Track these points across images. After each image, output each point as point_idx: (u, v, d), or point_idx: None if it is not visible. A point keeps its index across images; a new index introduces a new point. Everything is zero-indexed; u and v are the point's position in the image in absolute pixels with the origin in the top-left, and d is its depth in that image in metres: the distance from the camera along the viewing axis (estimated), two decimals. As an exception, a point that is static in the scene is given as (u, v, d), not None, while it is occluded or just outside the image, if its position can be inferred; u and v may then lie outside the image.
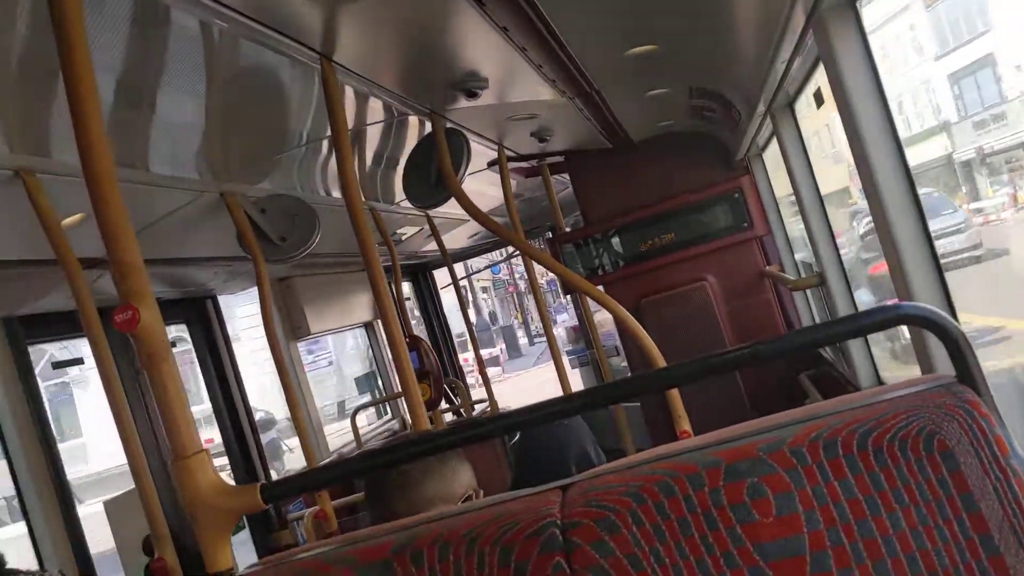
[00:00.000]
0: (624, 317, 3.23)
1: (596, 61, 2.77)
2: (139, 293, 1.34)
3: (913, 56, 3.25)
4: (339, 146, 2.36)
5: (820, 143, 3.29)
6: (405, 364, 2.50)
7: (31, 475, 3.31)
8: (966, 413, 1.15)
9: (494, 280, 34.53)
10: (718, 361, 1.27)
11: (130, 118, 2.34)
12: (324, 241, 3.54)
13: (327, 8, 1.88)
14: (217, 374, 4.94)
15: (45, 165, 2.37)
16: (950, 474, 1.14)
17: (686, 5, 2.33)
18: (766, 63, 2.48)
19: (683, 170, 4.91)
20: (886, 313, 1.25)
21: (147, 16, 1.79)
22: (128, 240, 1.38)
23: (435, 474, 1.81)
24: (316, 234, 3.47)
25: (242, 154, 3.04)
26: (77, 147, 1.40)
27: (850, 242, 3.88)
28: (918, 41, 3.24)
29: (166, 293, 4.52)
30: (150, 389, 1.39)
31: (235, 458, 4.94)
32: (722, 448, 1.23)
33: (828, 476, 1.17)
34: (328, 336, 6.47)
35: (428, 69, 2.57)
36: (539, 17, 2.13)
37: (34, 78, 1.89)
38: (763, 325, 4.86)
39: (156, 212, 3.18)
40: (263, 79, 2.41)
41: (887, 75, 3.26)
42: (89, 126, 1.40)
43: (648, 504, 1.21)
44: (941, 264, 1.94)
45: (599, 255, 5.13)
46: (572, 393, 1.32)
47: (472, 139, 3.53)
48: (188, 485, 1.33)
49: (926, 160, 3.38)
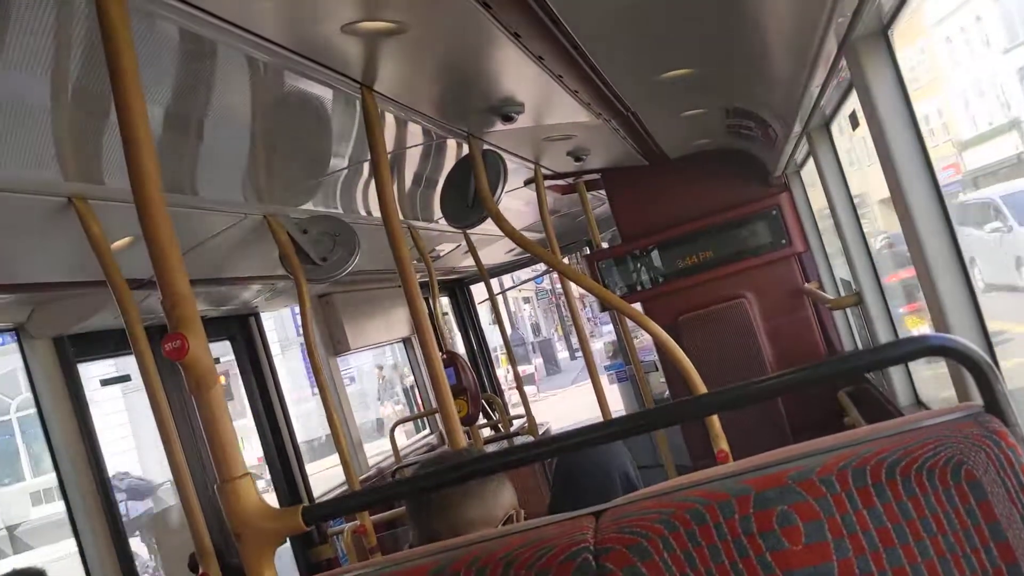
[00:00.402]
0: (662, 338, 3.24)
1: (631, 85, 2.81)
2: (188, 322, 1.39)
3: (980, 48, 3.21)
4: (378, 170, 2.41)
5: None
6: (441, 380, 2.53)
7: (80, 493, 3.40)
8: (993, 443, 1.16)
9: (537, 290, 34.17)
10: (753, 390, 1.29)
11: (179, 146, 2.42)
12: (363, 259, 3.61)
13: (368, 41, 1.94)
14: (260, 391, 5.03)
15: (96, 191, 2.46)
16: (977, 504, 1.15)
17: (719, 31, 2.36)
18: (800, 87, 2.50)
19: (720, 187, 4.90)
20: (914, 344, 1.26)
21: (196, 51, 1.86)
22: (178, 270, 1.44)
23: (476, 496, 1.79)
24: (356, 254, 3.53)
25: (285, 178, 3.11)
26: (128, 176, 1.45)
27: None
28: (985, 33, 3.20)
29: (210, 311, 4.61)
30: (196, 411, 1.43)
31: (277, 473, 5.01)
32: (752, 476, 1.25)
33: (857, 504, 1.19)
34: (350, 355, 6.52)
35: (465, 96, 2.62)
36: (574, 47, 2.17)
37: (86, 109, 1.97)
38: (802, 343, 4.83)
39: (202, 234, 3.27)
40: (306, 107, 2.48)
41: (952, 69, 3.21)
42: (140, 156, 1.45)
43: (680, 531, 1.23)
44: (975, 290, 1.94)
45: (636, 272, 5.14)
46: (611, 419, 1.35)
47: (508, 159, 3.57)
48: (234, 507, 1.37)
49: (997, 160, 3.31)
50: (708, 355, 4.88)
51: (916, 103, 1.97)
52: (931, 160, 1.97)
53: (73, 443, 3.46)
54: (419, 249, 4.87)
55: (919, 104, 1.97)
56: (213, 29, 1.74)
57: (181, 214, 2.93)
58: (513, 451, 1.39)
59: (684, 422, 1.37)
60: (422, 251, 4.91)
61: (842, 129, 3.11)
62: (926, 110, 2.21)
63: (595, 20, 2.03)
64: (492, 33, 1.94)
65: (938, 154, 2.05)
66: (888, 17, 1.89)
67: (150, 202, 1.45)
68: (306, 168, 3.10)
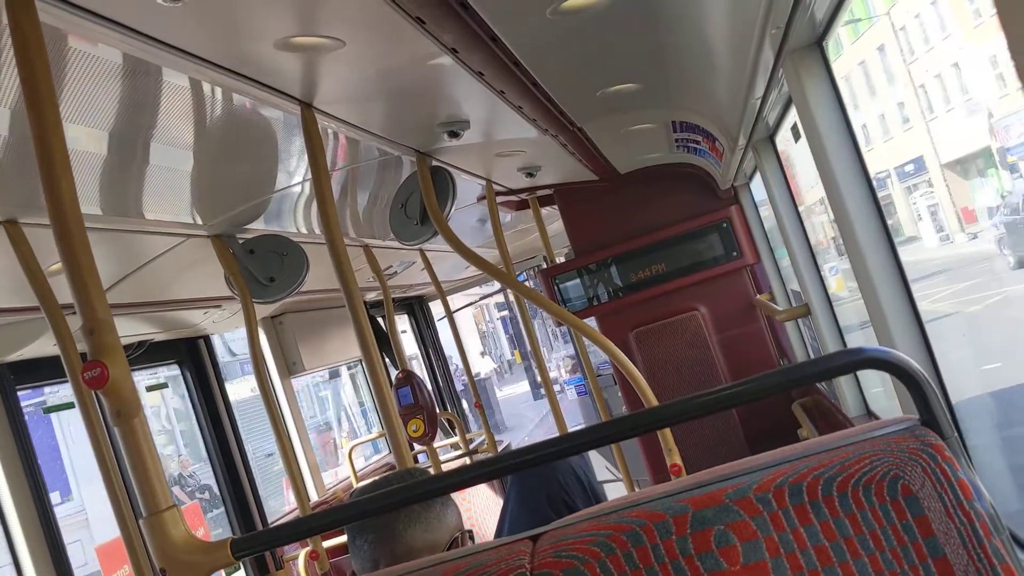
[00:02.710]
0: (614, 353, 3.23)
1: (574, 101, 2.80)
2: (108, 349, 1.35)
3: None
4: (320, 188, 2.38)
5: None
6: (387, 400, 2.49)
7: (21, 522, 3.30)
8: (929, 457, 1.15)
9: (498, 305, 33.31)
10: (700, 403, 1.27)
11: (120, 168, 2.37)
12: (315, 279, 3.56)
13: (304, 58, 1.91)
14: (210, 415, 4.94)
15: (28, 215, 2.39)
16: (914, 519, 1.14)
17: (659, 45, 2.36)
18: (741, 100, 2.51)
19: (672, 200, 4.93)
20: (852, 356, 1.25)
21: (131, 71, 1.81)
22: (96, 294, 1.39)
23: (419, 522, 1.73)
24: (304, 273, 3.49)
25: (229, 198, 3.06)
26: (46, 202, 1.41)
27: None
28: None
29: (157, 334, 4.52)
30: (120, 445, 1.38)
31: (229, 499, 4.92)
32: (690, 495, 1.23)
33: (794, 522, 1.17)
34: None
35: (409, 112, 2.60)
36: (514, 63, 2.15)
37: (14, 132, 1.92)
38: (755, 355, 4.86)
39: (146, 255, 3.20)
40: (248, 126, 2.44)
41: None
42: (56, 178, 1.41)
43: (616, 553, 1.21)
44: (916, 303, 1.94)
45: (591, 286, 5.13)
46: (562, 435, 1.33)
47: (459, 175, 3.55)
48: (159, 541, 1.33)
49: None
50: (663, 368, 4.90)
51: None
52: (869, 172, 1.98)
53: (14, 473, 3.36)
54: (373, 268, 4.83)
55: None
56: (145, 50, 1.70)
57: (124, 237, 2.87)
58: (459, 471, 1.36)
59: (634, 436, 1.35)
60: (376, 270, 4.87)
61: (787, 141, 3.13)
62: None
63: (532, 36, 2.02)
64: (429, 49, 1.92)
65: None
66: (822, 28, 1.90)
67: (67, 225, 1.40)
68: (251, 188, 3.05)
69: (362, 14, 1.72)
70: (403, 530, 1.74)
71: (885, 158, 22.04)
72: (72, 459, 11.76)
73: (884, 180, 21.26)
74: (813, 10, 1.76)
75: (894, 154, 21.90)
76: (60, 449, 11.69)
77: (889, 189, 20.98)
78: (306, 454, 5.59)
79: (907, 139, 21.92)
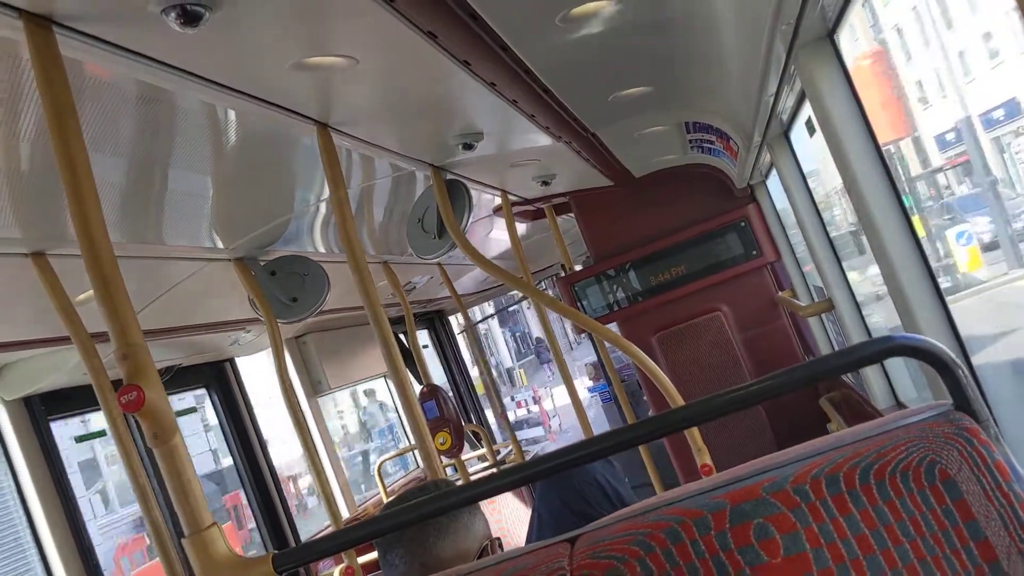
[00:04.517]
0: (638, 357, 3.23)
1: (586, 106, 2.81)
2: (142, 372, 1.37)
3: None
4: (338, 210, 2.40)
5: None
6: (417, 416, 2.51)
7: (57, 548, 3.34)
8: (965, 441, 1.15)
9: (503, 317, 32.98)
10: (731, 398, 1.27)
11: (140, 195, 2.41)
12: (338, 297, 3.58)
13: (319, 78, 1.93)
14: (239, 436, 4.97)
15: (55, 246, 2.43)
16: (954, 503, 1.14)
17: (670, 46, 2.37)
18: (755, 96, 2.51)
19: (688, 202, 4.92)
20: (881, 344, 1.25)
21: (147, 98, 1.84)
22: (129, 320, 1.41)
23: (448, 533, 1.73)
24: (325, 292, 3.51)
25: (251, 220, 3.09)
26: (75, 233, 1.43)
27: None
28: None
29: (183, 359, 4.56)
30: (161, 466, 1.39)
31: (261, 519, 4.94)
32: (726, 490, 1.23)
33: (833, 512, 1.17)
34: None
35: (423, 127, 2.62)
36: (525, 71, 2.17)
37: (40, 165, 1.95)
38: (780, 352, 4.84)
39: (170, 281, 3.23)
40: (265, 148, 2.46)
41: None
42: (86, 212, 1.43)
43: (656, 551, 1.21)
44: (942, 289, 1.94)
45: (611, 292, 5.13)
46: (588, 439, 1.32)
47: (474, 187, 3.57)
48: (202, 560, 1.34)
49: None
50: (688, 370, 4.88)
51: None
52: (886, 161, 1.98)
53: (50, 503, 3.39)
54: (393, 284, 4.85)
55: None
56: (161, 77, 1.72)
57: (146, 264, 2.90)
58: (487, 479, 1.36)
59: (662, 436, 1.34)
60: (396, 286, 4.89)
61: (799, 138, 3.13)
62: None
63: (542, 43, 2.03)
64: (442, 63, 1.94)
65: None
66: (832, 21, 1.90)
67: (97, 252, 1.42)
68: (271, 209, 3.08)
69: (375, 31, 1.74)
70: (433, 542, 1.74)
71: (957, 107, 16.39)
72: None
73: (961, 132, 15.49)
74: (823, 3, 1.76)
75: (976, 100, 16.25)
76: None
77: (969, 144, 14.90)
78: (335, 472, 5.61)
79: (996, 78, 16.20)
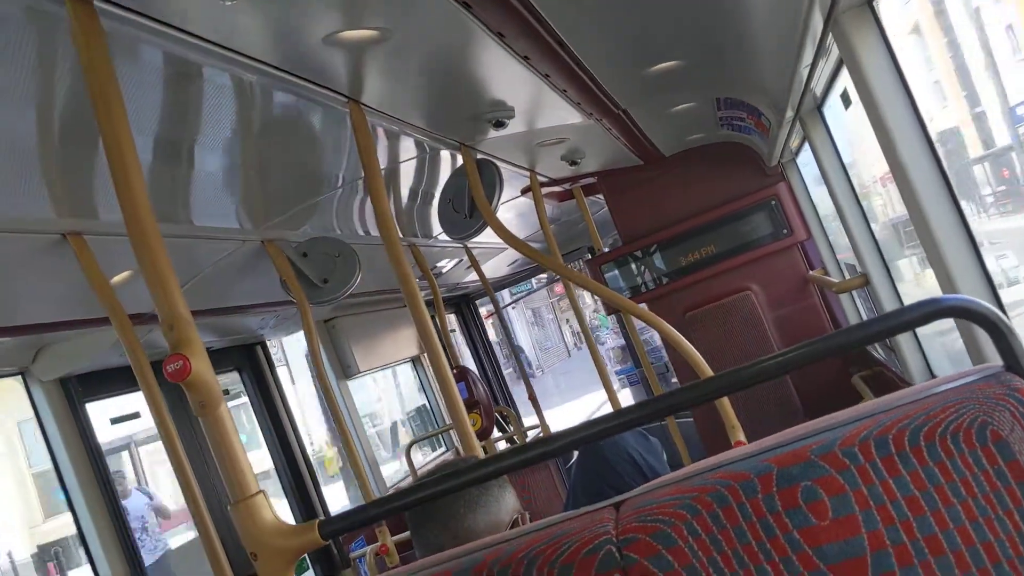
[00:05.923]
0: (668, 332, 3.22)
1: (619, 81, 2.79)
2: (188, 343, 1.38)
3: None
4: (373, 186, 2.40)
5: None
6: (453, 395, 2.52)
7: (96, 531, 3.38)
8: (1017, 401, 1.13)
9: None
10: (763, 367, 1.27)
11: (170, 174, 2.41)
12: (366, 279, 3.59)
13: (351, 51, 1.93)
14: (271, 419, 5.01)
15: (91, 226, 2.45)
16: (1006, 464, 1.12)
17: (704, 19, 2.34)
18: (789, 69, 2.48)
19: (718, 181, 4.89)
20: (928, 307, 1.23)
21: (180, 74, 1.85)
22: (174, 292, 1.42)
23: (480, 506, 1.76)
24: (357, 274, 3.52)
25: (281, 201, 3.10)
26: (120, 208, 1.44)
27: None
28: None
29: (215, 342, 4.60)
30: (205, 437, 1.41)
31: (293, 500, 4.99)
32: (773, 454, 1.22)
33: (883, 474, 1.16)
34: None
35: (454, 104, 2.61)
36: (559, 44, 2.16)
37: (75, 143, 1.96)
38: (811, 330, 4.81)
39: (200, 264, 3.25)
40: (296, 126, 2.47)
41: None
42: (131, 187, 1.45)
43: (703, 515, 1.20)
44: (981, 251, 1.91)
45: (640, 273, 5.12)
46: (620, 409, 1.32)
47: (504, 167, 3.56)
48: (248, 527, 1.35)
49: None
50: (718, 349, 4.86)
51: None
52: (928, 131, 1.95)
53: (88, 484, 3.44)
54: (421, 266, 4.86)
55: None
56: (196, 51, 1.73)
57: (177, 244, 2.92)
58: (519, 449, 1.36)
59: (693, 406, 1.33)
60: (424, 268, 4.90)
61: (834, 112, 3.09)
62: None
63: (578, 15, 2.02)
64: (475, 34, 1.93)
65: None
66: (872, -13, 1.88)
67: (145, 234, 1.44)
68: (301, 190, 3.09)
69: (408, 1, 1.73)
70: (464, 514, 1.77)
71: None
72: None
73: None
74: (862, -32, 1.74)
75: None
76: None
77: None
78: (366, 453, 5.64)
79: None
